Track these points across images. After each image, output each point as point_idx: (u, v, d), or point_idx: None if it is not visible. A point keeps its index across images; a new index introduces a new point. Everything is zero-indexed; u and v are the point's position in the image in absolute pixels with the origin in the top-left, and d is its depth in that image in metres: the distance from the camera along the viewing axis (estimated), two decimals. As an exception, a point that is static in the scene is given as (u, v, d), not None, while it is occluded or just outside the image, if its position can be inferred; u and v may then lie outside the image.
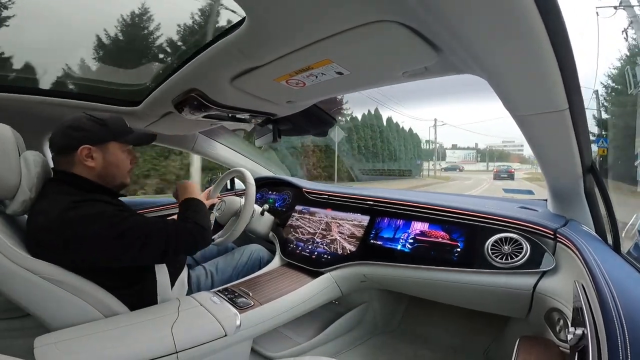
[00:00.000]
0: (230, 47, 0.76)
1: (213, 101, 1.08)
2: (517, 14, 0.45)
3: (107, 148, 0.97)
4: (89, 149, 0.93)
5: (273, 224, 1.63)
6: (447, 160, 45.10)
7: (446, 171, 38.49)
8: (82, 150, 0.92)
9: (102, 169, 0.96)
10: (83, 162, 0.93)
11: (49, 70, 3.53)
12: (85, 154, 0.93)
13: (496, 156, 41.23)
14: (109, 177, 0.98)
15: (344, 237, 1.39)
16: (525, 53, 0.54)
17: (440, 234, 1.19)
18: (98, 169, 0.95)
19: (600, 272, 0.68)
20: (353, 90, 1.00)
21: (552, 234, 0.99)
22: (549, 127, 0.77)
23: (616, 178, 8.65)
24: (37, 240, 0.83)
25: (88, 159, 0.93)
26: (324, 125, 1.44)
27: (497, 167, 27.63)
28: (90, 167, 0.94)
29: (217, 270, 1.27)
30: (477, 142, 63.34)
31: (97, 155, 0.95)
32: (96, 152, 0.95)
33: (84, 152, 0.92)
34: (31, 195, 0.88)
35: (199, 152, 1.99)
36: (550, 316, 0.92)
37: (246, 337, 0.99)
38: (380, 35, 0.62)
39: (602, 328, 0.52)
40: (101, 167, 0.95)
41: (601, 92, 12.91)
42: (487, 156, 42.50)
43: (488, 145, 58.55)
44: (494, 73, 0.65)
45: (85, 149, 0.92)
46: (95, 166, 0.94)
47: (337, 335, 1.40)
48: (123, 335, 0.81)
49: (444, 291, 1.18)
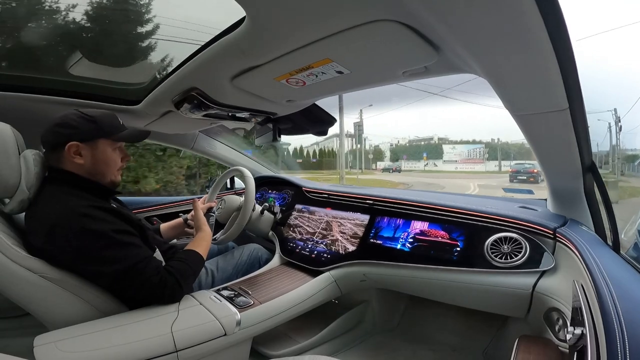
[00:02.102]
0: (230, 46, 0.76)
1: (213, 100, 1.08)
2: (518, 13, 0.45)
3: (96, 145, 0.96)
4: (77, 145, 0.92)
5: (273, 223, 1.63)
6: (444, 159, 34.77)
7: (383, 172, 32.74)
8: (70, 147, 0.91)
9: (91, 166, 0.95)
10: (71, 159, 0.92)
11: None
12: (73, 151, 0.92)
13: (514, 152, 31.66)
14: (98, 175, 0.97)
15: (344, 237, 1.39)
16: (525, 52, 0.54)
17: (440, 233, 1.20)
18: (87, 166, 0.94)
19: (599, 272, 0.68)
20: (353, 89, 1.00)
21: (551, 234, 0.99)
22: (549, 126, 0.77)
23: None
24: (34, 240, 0.84)
25: (76, 155, 0.92)
26: (323, 124, 1.44)
27: (513, 166, 22.08)
28: (79, 164, 0.93)
29: (218, 269, 1.28)
30: (497, 137, 44.36)
31: (86, 152, 0.94)
32: (84, 149, 0.93)
33: (72, 149, 0.92)
34: (29, 195, 0.88)
35: (199, 151, 1.99)
36: (549, 316, 0.92)
37: (246, 336, 0.99)
38: (380, 35, 0.62)
39: (601, 328, 0.53)
40: (90, 164, 0.94)
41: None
42: (500, 152, 32.18)
43: (495, 138, 40.76)
44: (494, 73, 0.65)
45: (72, 145, 0.92)
46: (84, 163, 0.94)
47: (336, 334, 1.40)
48: (123, 334, 0.81)
49: (444, 290, 1.18)
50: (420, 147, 42.04)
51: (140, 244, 0.91)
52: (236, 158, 2.10)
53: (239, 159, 2.11)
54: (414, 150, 41.18)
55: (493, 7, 0.45)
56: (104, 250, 0.84)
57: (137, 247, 0.90)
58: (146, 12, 1.79)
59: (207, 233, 1.17)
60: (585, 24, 43.61)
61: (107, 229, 0.84)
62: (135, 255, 0.87)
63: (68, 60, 1.30)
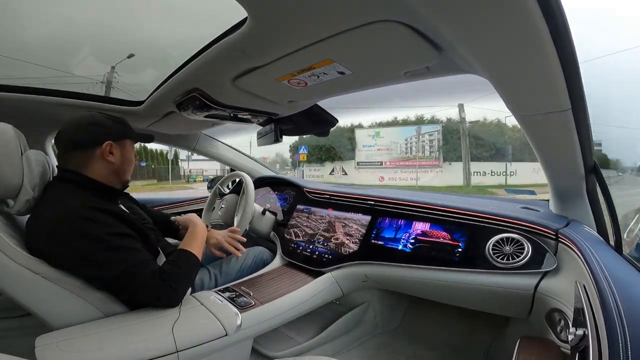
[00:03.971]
0: (232, 47, 0.76)
1: (215, 101, 1.08)
2: (520, 14, 0.45)
3: (124, 144, 1.00)
4: (111, 144, 0.96)
5: (274, 223, 1.63)
6: (359, 159, 17.30)
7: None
8: (107, 145, 0.94)
9: (120, 165, 0.98)
10: (106, 158, 0.95)
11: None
12: (109, 150, 0.95)
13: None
14: (122, 173, 1.00)
15: (345, 237, 1.39)
16: (527, 53, 0.54)
17: (441, 234, 1.19)
18: (116, 165, 0.97)
19: (601, 273, 0.68)
20: (355, 90, 1.00)
21: (553, 235, 0.99)
22: (551, 127, 0.77)
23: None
24: (34, 241, 0.84)
25: (109, 154, 0.95)
26: (325, 124, 1.44)
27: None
28: (110, 163, 0.96)
29: (222, 273, 1.26)
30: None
31: (116, 151, 0.97)
32: (116, 148, 0.97)
33: (108, 147, 0.95)
34: (34, 195, 0.88)
35: (201, 152, 2.00)
36: (551, 316, 0.92)
37: (247, 336, 0.99)
38: (382, 35, 0.63)
39: (603, 329, 0.52)
40: (119, 162, 0.98)
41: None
42: (466, 142, 14.17)
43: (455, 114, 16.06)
44: (496, 73, 0.65)
45: (109, 144, 0.95)
46: (115, 162, 0.97)
47: (337, 335, 1.40)
48: (125, 334, 0.81)
49: (445, 291, 1.18)
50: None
51: (138, 248, 0.89)
52: (238, 159, 2.11)
53: (241, 160, 2.11)
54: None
55: (495, 8, 0.45)
56: (98, 253, 0.82)
57: (134, 251, 0.88)
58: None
59: (199, 226, 1.12)
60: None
61: (104, 232, 0.83)
62: (130, 259, 0.85)
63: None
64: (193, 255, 1.00)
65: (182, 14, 1.38)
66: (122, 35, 4.79)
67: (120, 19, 4.07)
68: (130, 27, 4.77)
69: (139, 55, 4.98)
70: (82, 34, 4.59)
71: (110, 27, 4.08)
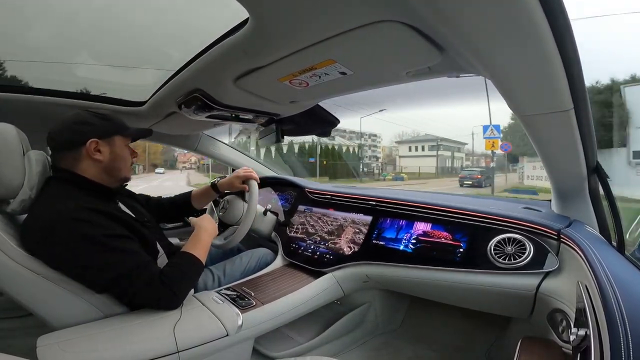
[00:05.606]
0: (234, 47, 0.76)
1: (217, 101, 1.08)
2: (522, 13, 0.45)
3: (114, 141, 0.98)
4: (97, 142, 0.93)
5: (275, 223, 1.63)
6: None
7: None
8: (91, 143, 0.92)
9: (109, 162, 0.96)
10: (91, 156, 0.93)
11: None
12: (94, 148, 0.93)
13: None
14: (115, 171, 0.98)
15: (347, 237, 1.39)
16: (530, 53, 0.54)
17: (443, 234, 1.19)
18: (105, 162, 0.95)
19: (603, 273, 0.68)
20: (356, 90, 1.00)
21: (555, 235, 0.99)
22: (553, 127, 0.77)
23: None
24: (29, 241, 0.83)
25: (96, 152, 0.93)
26: (327, 125, 1.45)
27: (461, 172, 20.89)
28: (98, 161, 0.94)
29: (225, 275, 1.25)
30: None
31: (104, 149, 0.95)
32: (103, 145, 0.95)
33: (92, 145, 0.93)
34: (31, 195, 0.88)
35: (203, 152, 2.00)
36: (552, 317, 0.92)
37: (248, 336, 0.99)
38: (383, 35, 0.63)
39: (605, 329, 0.52)
40: (108, 160, 0.96)
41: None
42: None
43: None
44: (498, 73, 0.65)
45: (93, 142, 0.93)
46: (103, 159, 0.94)
47: (339, 335, 1.40)
48: (126, 334, 0.81)
49: (446, 291, 1.18)
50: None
51: (135, 250, 0.88)
52: (239, 159, 2.11)
53: (242, 160, 2.11)
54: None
55: (497, 8, 0.45)
56: (94, 256, 0.81)
57: (131, 253, 0.86)
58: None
59: (206, 229, 1.08)
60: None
61: (99, 233, 0.82)
62: (127, 262, 0.84)
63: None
64: (196, 258, 0.98)
65: (183, 14, 1.39)
66: (123, 35, 4.77)
67: (121, 19, 4.07)
68: (131, 27, 4.75)
69: (141, 55, 4.96)
70: (83, 34, 4.59)
71: (111, 27, 4.07)
